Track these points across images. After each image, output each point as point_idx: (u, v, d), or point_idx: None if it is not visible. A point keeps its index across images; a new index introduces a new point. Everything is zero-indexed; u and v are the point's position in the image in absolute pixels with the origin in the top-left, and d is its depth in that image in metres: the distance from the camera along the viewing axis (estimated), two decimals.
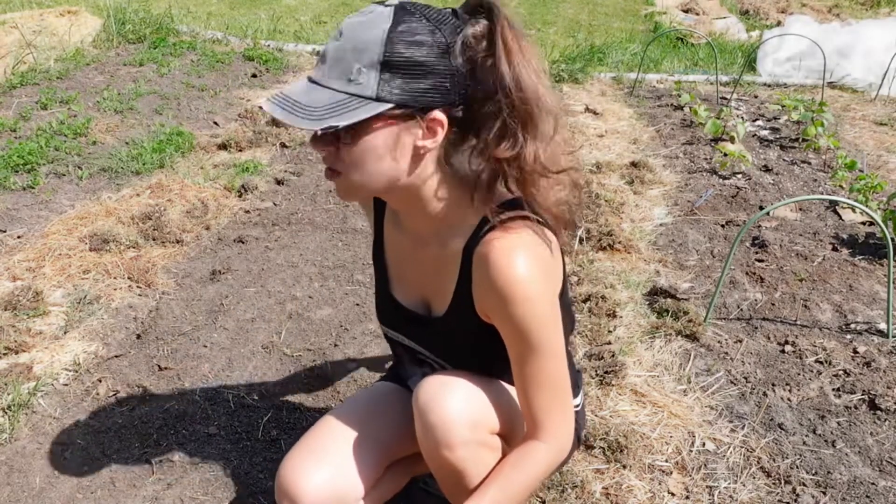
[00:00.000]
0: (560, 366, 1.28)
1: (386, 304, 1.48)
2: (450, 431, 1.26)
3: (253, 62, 5.52)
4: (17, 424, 2.00)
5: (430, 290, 1.39)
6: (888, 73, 5.37)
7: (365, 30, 1.10)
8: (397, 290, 1.46)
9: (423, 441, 1.30)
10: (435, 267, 1.34)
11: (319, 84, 1.12)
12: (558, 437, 1.31)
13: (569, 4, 9.70)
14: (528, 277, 1.18)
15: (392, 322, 1.50)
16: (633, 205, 3.53)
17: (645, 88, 5.65)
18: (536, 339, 1.22)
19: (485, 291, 1.23)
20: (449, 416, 1.26)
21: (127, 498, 1.78)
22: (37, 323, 2.44)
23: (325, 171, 1.21)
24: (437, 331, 1.40)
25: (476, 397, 1.31)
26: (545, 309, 1.22)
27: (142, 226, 3.05)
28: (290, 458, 1.43)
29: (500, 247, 1.19)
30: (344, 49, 1.10)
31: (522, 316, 1.20)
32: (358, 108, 1.09)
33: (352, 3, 8.72)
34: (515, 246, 1.19)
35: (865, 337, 2.50)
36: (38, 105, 4.29)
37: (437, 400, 1.27)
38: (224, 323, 2.48)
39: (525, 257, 1.19)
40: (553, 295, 1.26)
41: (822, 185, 3.80)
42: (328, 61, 1.11)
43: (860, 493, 1.84)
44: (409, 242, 1.38)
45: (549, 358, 1.25)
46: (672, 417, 2.10)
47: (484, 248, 1.21)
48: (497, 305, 1.21)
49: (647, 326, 2.54)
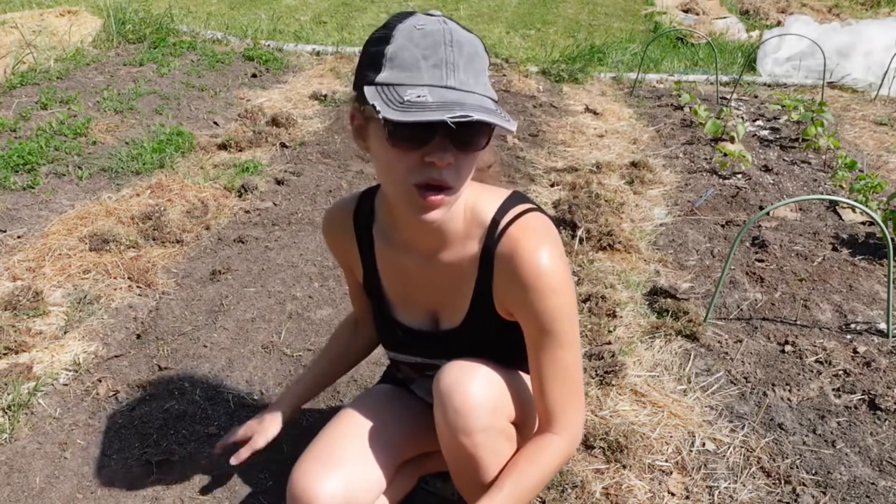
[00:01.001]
0: (577, 358, 1.31)
1: (391, 329, 1.47)
2: (470, 416, 1.26)
3: (253, 62, 5.52)
4: (17, 424, 2.00)
5: (441, 303, 1.39)
6: (888, 73, 5.37)
7: (465, 36, 1.10)
8: (402, 313, 1.44)
9: (441, 426, 1.30)
10: (449, 277, 1.34)
11: (471, 91, 1.07)
12: (571, 430, 1.33)
13: (569, 4, 9.70)
14: (555, 269, 1.23)
15: (399, 346, 1.49)
16: (633, 205, 3.53)
17: (645, 88, 5.65)
18: (559, 329, 1.26)
19: (510, 288, 1.26)
20: (471, 401, 1.26)
21: (127, 498, 1.78)
22: (37, 323, 2.44)
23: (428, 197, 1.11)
24: (452, 343, 1.40)
25: (496, 384, 1.31)
26: (569, 299, 1.27)
27: (142, 226, 3.05)
28: (300, 465, 1.42)
29: (526, 243, 1.23)
30: (469, 55, 1.08)
31: (549, 307, 1.24)
32: (504, 113, 1.07)
33: (352, 2, 8.72)
34: (540, 240, 1.23)
35: (865, 337, 2.50)
36: (38, 105, 4.29)
37: (459, 385, 1.27)
38: (224, 323, 2.48)
39: (549, 250, 1.23)
40: (573, 284, 1.30)
41: (822, 185, 3.80)
42: (461, 68, 1.07)
43: (860, 493, 1.84)
44: (414, 263, 1.36)
45: (567, 349, 1.29)
46: (672, 417, 2.10)
47: (507, 247, 1.24)
48: (523, 300, 1.25)
49: (647, 326, 2.54)
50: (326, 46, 6.09)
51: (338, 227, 1.45)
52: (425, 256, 1.34)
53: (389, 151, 1.11)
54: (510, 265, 1.24)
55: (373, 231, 1.40)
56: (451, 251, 1.31)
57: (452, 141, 1.08)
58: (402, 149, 1.10)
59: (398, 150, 1.10)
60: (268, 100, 4.81)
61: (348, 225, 1.43)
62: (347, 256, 1.48)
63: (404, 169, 1.11)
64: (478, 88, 1.08)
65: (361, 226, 1.42)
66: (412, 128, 1.06)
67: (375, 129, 1.13)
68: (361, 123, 1.19)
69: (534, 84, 5.45)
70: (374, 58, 1.10)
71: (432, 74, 1.06)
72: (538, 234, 1.24)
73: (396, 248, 1.37)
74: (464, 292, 1.34)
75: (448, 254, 1.32)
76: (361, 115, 1.17)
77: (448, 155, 1.09)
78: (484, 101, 1.07)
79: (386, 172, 1.16)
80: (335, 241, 1.49)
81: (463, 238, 1.30)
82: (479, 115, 1.01)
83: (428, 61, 1.06)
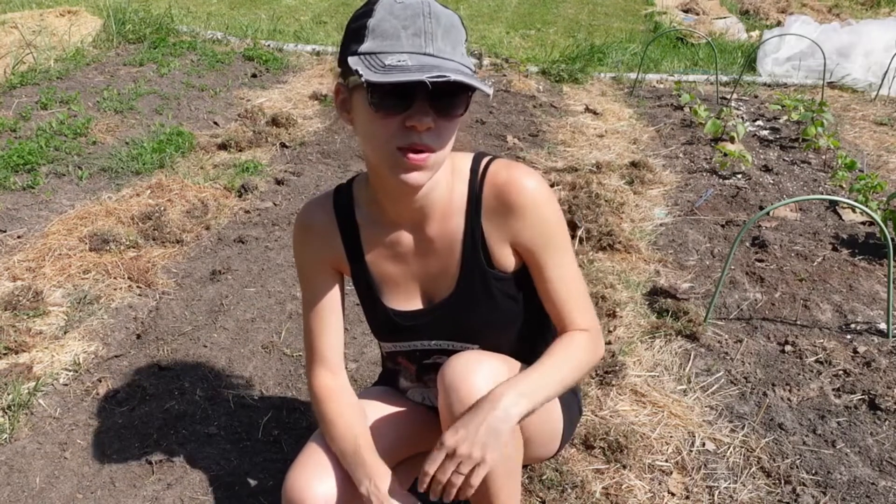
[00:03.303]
0: (576, 266, 1.41)
1: (385, 317, 1.45)
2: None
3: (253, 62, 5.52)
4: (17, 424, 2.00)
5: (433, 277, 1.40)
6: (888, 73, 5.37)
7: (443, 10, 1.16)
8: (393, 299, 1.44)
9: (447, 419, 1.30)
10: (438, 247, 1.37)
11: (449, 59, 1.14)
12: (593, 330, 1.40)
13: (569, 4, 9.70)
14: (540, 186, 1.33)
15: (395, 332, 1.47)
16: (633, 205, 3.53)
17: (645, 88, 5.65)
18: (556, 237, 1.35)
19: (501, 217, 1.33)
20: (476, 392, 1.25)
21: (127, 498, 1.78)
22: (37, 323, 2.44)
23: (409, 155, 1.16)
24: (447, 315, 1.41)
25: (501, 375, 1.30)
26: (556, 208, 1.36)
27: (142, 226, 3.05)
28: (295, 468, 1.41)
29: (507, 172, 1.33)
30: (446, 27, 1.15)
31: (543, 218, 1.33)
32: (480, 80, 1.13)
33: (352, 2, 8.72)
34: (521, 169, 1.34)
35: (865, 337, 2.50)
36: (38, 105, 4.29)
37: (463, 378, 1.27)
38: (224, 323, 2.48)
39: (532, 174, 1.33)
40: (556, 200, 1.39)
41: (822, 185, 3.80)
42: (439, 37, 1.13)
43: (860, 493, 1.84)
44: (403, 240, 1.38)
45: (567, 253, 1.38)
46: (672, 417, 2.10)
47: (491, 181, 1.33)
48: (517, 222, 1.33)
49: (647, 326, 2.54)
50: (326, 46, 6.09)
51: (318, 222, 1.43)
52: (414, 231, 1.37)
53: (373, 118, 1.16)
54: (498, 193, 1.32)
55: (356, 218, 1.41)
56: (439, 222, 1.35)
57: (432, 106, 1.14)
58: (384, 114, 1.15)
59: (381, 115, 1.15)
60: (268, 100, 4.81)
61: (330, 217, 1.42)
62: (329, 253, 1.44)
63: (387, 134, 1.16)
64: (455, 57, 1.15)
65: (343, 215, 1.42)
66: (393, 93, 1.12)
67: (359, 99, 1.18)
68: (345, 97, 1.24)
69: (534, 84, 5.45)
70: (356, 32, 1.17)
71: (412, 42, 1.12)
72: (518, 166, 1.34)
73: (384, 228, 1.38)
74: (454, 256, 1.37)
75: (435, 225, 1.36)
76: (346, 88, 1.23)
77: (428, 119, 1.14)
78: (461, 67, 1.14)
79: (370, 139, 1.21)
80: (314, 240, 1.45)
81: (447, 205, 1.35)
82: (457, 76, 1.07)
83: (407, 31, 1.13)
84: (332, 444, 1.41)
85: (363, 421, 1.46)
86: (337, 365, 1.50)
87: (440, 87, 1.09)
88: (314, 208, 1.45)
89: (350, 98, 1.22)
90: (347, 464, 1.37)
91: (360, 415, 1.47)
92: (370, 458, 1.37)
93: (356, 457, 1.37)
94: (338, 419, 1.43)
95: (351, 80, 1.18)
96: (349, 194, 1.42)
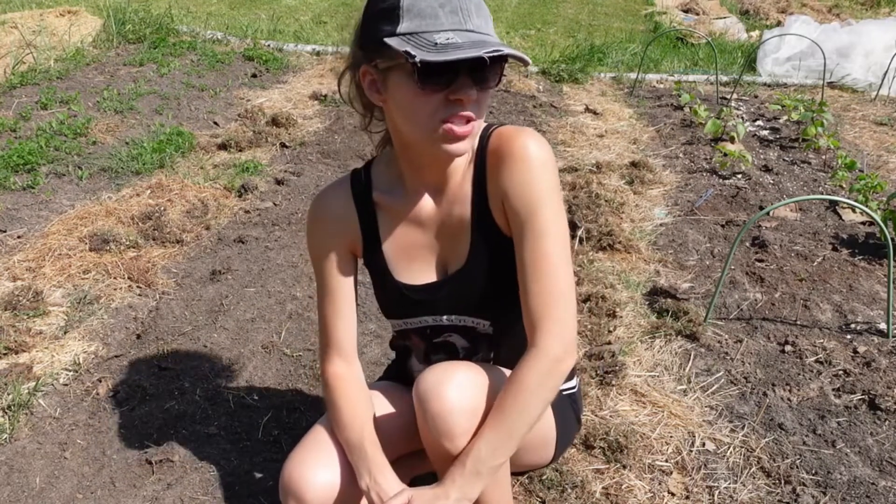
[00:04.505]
0: (562, 256, 1.30)
1: (396, 295, 1.46)
2: (449, 420, 1.26)
3: (253, 62, 5.52)
4: (17, 424, 2.00)
5: (448, 246, 1.41)
6: (888, 73, 5.37)
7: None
8: (405, 274, 1.44)
9: (424, 431, 1.31)
10: (453, 211, 1.39)
11: (487, 34, 1.19)
12: (550, 341, 1.27)
13: (569, 4, 9.70)
14: (539, 146, 1.31)
15: (406, 308, 1.47)
16: (633, 205, 3.53)
17: (645, 88, 5.65)
18: (544, 215, 1.29)
19: (500, 174, 1.32)
20: (449, 405, 1.26)
21: (127, 498, 1.78)
22: (37, 323, 2.44)
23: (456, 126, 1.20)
24: (461, 286, 1.41)
25: (476, 385, 1.30)
26: (555, 181, 1.32)
27: (142, 226, 3.05)
28: (293, 457, 1.42)
29: (511, 132, 1.33)
30: (477, 3, 1.19)
31: (531, 175, 1.29)
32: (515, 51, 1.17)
33: (352, 2, 8.72)
34: (526, 132, 1.33)
35: (865, 337, 2.50)
36: (38, 105, 4.29)
37: (437, 389, 1.27)
38: (224, 323, 2.48)
39: (535, 136, 1.33)
40: (558, 174, 1.35)
41: (822, 185, 3.80)
42: (473, 13, 1.18)
43: (860, 493, 1.84)
44: (422, 210, 1.40)
45: (552, 240, 1.29)
46: (672, 417, 2.10)
47: (495, 142, 1.34)
48: (510, 180, 1.30)
49: (647, 326, 2.54)
50: (326, 46, 6.09)
51: (335, 205, 1.46)
52: (434, 195, 1.39)
53: (417, 95, 1.19)
54: (499, 151, 1.33)
55: (374, 197, 1.44)
56: (455, 182, 1.38)
57: (473, 79, 1.18)
58: (430, 90, 1.18)
59: (426, 92, 1.18)
60: (268, 100, 4.81)
61: (347, 198, 1.45)
62: (345, 235, 1.45)
63: (431, 110, 1.20)
64: (490, 31, 1.20)
65: (360, 196, 1.45)
66: (441, 69, 1.15)
67: (397, 78, 1.21)
68: (374, 78, 1.25)
69: (534, 84, 5.45)
70: (387, 12, 1.18)
71: (451, 20, 1.16)
72: (524, 129, 1.34)
73: (403, 199, 1.41)
74: (465, 221, 1.38)
75: (452, 186, 1.38)
76: (375, 69, 1.24)
77: (473, 92, 1.19)
78: (500, 41, 1.18)
79: (412, 115, 1.23)
80: (331, 223, 1.46)
81: (465, 166, 1.38)
82: (507, 49, 1.13)
83: (444, 9, 1.16)
84: (339, 432, 1.42)
85: (371, 413, 1.46)
86: (351, 353, 1.50)
87: (483, 60, 1.13)
88: (330, 193, 1.48)
89: (384, 79, 1.24)
90: (351, 454, 1.38)
91: (368, 406, 1.47)
92: (373, 452, 1.37)
93: (361, 449, 1.37)
94: (347, 408, 1.42)
95: (382, 61, 1.20)
96: (365, 176, 1.46)
